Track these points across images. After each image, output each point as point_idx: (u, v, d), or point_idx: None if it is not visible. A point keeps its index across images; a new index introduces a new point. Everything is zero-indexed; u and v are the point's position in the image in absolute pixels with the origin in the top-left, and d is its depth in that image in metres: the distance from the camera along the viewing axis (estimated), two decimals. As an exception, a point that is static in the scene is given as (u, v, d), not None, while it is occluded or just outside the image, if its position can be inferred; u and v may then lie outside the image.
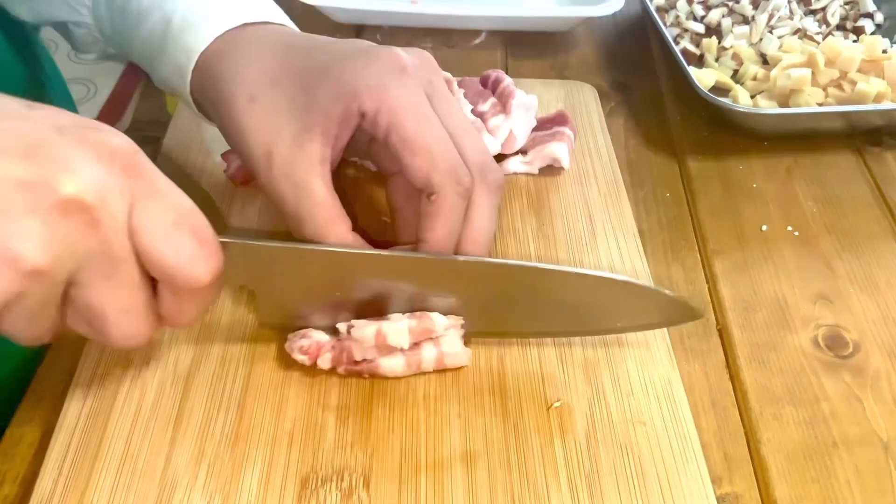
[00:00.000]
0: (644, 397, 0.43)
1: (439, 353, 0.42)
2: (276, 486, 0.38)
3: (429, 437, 0.41)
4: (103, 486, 0.38)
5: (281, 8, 0.49)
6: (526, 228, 0.53)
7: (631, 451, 0.40)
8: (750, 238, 0.57)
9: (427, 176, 0.41)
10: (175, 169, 0.56)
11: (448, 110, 0.43)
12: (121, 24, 0.50)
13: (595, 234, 0.52)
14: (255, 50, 0.44)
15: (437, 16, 0.79)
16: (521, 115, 0.56)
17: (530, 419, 0.42)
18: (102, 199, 0.31)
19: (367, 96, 0.41)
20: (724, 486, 0.42)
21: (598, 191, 0.56)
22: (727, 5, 0.76)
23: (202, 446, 0.40)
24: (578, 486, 0.39)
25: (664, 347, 0.46)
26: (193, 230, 0.34)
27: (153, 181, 0.34)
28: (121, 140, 0.33)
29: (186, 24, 0.45)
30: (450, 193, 0.41)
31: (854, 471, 0.43)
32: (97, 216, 0.31)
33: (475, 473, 0.39)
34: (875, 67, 0.67)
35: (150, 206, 0.33)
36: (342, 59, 0.42)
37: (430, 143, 0.41)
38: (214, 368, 0.43)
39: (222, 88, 0.43)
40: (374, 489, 0.38)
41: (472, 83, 0.58)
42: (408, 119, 0.41)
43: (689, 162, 0.64)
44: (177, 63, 0.46)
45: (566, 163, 0.56)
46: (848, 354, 0.49)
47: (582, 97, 0.66)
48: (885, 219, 0.59)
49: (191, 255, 0.34)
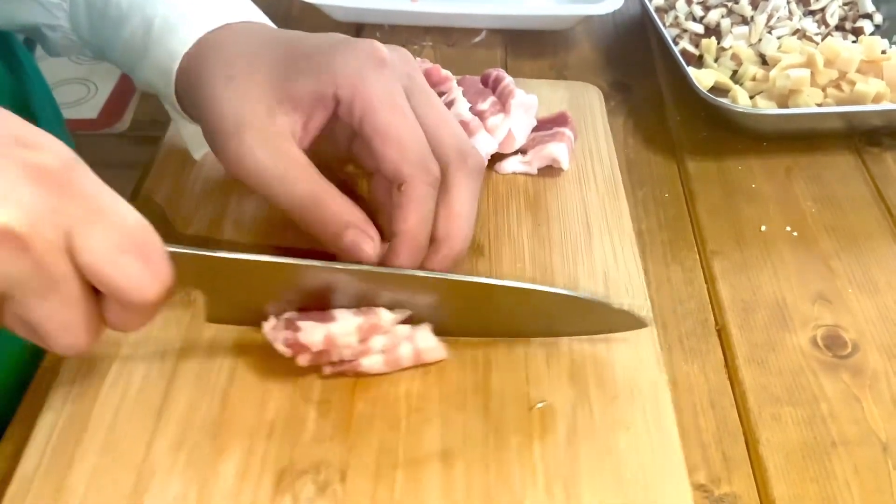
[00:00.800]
0: (629, 402, 0.42)
1: (415, 349, 0.42)
2: (252, 477, 0.38)
3: (408, 434, 0.40)
4: (84, 469, 0.38)
5: (281, 7, 0.49)
6: (521, 229, 0.53)
7: (611, 455, 0.40)
8: (749, 238, 0.57)
9: (397, 166, 0.41)
10: (175, 168, 0.56)
11: (426, 102, 0.43)
12: (100, 27, 0.49)
13: (591, 236, 0.52)
14: (237, 42, 0.44)
15: (437, 14, 0.79)
16: (521, 114, 0.56)
17: (511, 419, 0.41)
18: (33, 225, 0.30)
19: (344, 83, 0.41)
20: (723, 486, 0.42)
21: (597, 193, 0.56)
22: (726, 6, 0.76)
23: (183, 435, 0.40)
24: (555, 489, 0.38)
25: (652, 353, 0.45)
26: (138, 249, 0.33)
27: (93, 198, 0.33)
28: (54, 157, 0.32)
29: (168, 27, 0.45)
30: (419, 183, 0.41)
31: (853, 471, 0.43)
32: (28, 242, 0.30)
33: (452, 472, 0.39)
34: (874, 68, 0.67)
35: (90, 227, 0.32)
36: (323, 49, 0.43)
37: (400, 134, 0.41)
38: (201, 358, 0.43)
39: (203, 76, 0.43)
40: (349, 484, 0.38)
41: (472, 82, 0.58)
42: (381, 108, 0.41)
43: (689, 162, 0.64)
44: (160, 65, 0.46)
45: (565, 164, 0.56)
46: (847, 354, 0.49)
47: (587, 99, 0.65)
48: (884, 219, 0.59)
49: (137, 276, 0.33)
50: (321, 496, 0.38)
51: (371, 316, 0.41)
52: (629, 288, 0.49)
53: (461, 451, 0.40)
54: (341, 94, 0.41)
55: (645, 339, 0.46)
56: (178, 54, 0.45)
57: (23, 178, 0.31)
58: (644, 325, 0.45)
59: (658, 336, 0.49)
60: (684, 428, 0.45)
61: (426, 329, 0.43)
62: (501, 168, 0.57)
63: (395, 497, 0.38)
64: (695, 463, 0.43)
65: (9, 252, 0.30)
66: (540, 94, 0.59)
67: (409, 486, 0.38)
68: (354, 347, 0.41)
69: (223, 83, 0.42)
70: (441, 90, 0.54)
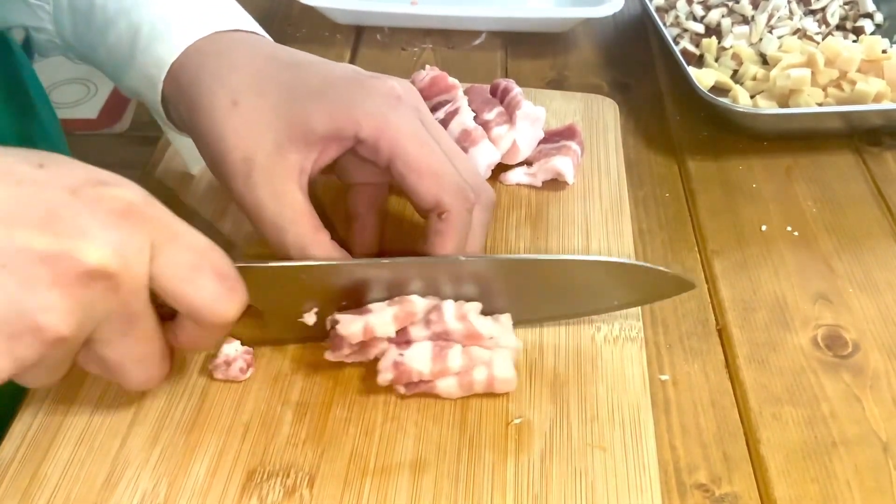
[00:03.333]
0: (608, 422, 0.42)
1: (489, 376, 0.42)
2: (222, 475, 0.39)
3: (381, 442, 0.40)
4: (59, 459, 0.39)
5: (281, 9, 0.49)
6: (519, 240, 0.52)
7: (585, 476, 0.39)
8: (749, 238, 0.57)
9: (436, 197, 0.42)
10: (175, 170, 0.56)
11: (438, 135, 0.44)
12: (84, 31, 0.48)
13: (589, 251, 0.52)
14: (236, 57, 0.44)
15: (437, 16, 0.79)
16: (527, 126, 0.55)
17: (487, 434, 0.41)
18: (124, 262, 0.32)
19: (366, 124, 0.41)
20: (724, 486, 0.42)
21: (601, 208, 0.55)
22: (727, 5, 0.76)
23: (159, 430, 0.41)
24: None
25: (639, 373, 0.44)
26: (213, 268, 0.35)
27: (168, 226, 0.34)
28: (133, 192, 0.33)
29: (156, 34, 0.44)
30: (461, 211, 0.42)
31: (853, 470, 0.43)
32: (119, 281, 0.32)
33: (421, 483, 0.39)
34: (874, 67, 0.67)
35: (167, 251, 0.33)
36: (337, 84, 0.43)
37: (434, 167, 0.42)
38: (185, 355, 0.44)
39: (201, 94, 0.43)
40: (317, 489, 0.38)
41: (480, 91, 0.57)
42: (410, 145, 0.42)
43: (689, 162, 0.64)
44: (146, 73, 0.45)
45: (570, 178, 0.55)
46: (847, 354, 0.49)
47: (601, 112, 0.64)
48: (885, 219, 0.59)
49: (214, 294, 0.35)
50: (288, 500, 0.38)
51: (405, 304, 0.42)
52: None
53: (433, 463, 0.40)
54: (365, 135, 0.42)
55: (633, 360, 0.45)
56: (165, 63, 0.44)
57: (112, 218, 0.32)
58: (692, 286, 0.46)
59: (658, 336, 0.49)
60: (685, 428, 0.45)
61: (507, 356, 0.42)
62: (505, 179, 0.56)
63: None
64: (695, 462, 0.43)
65: (102, 293, 0.32)
66: (553, 104, 0.58)
67: (377, 495, 0.38)
68: (432, 368, 0.41)
69: (227, 108, 0.42)
70: (446, 99, 0.54)
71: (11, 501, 0.37)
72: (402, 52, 0.77)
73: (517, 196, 0.56)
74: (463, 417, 0.42)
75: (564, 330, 0.46)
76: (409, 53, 0.77)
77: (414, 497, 0.38)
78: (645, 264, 0.45)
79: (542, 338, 0.46)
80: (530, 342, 0.45)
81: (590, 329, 0.46)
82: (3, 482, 0.38)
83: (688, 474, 0.42)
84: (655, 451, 0.41)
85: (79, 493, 0.38)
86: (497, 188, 0.56)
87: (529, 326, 0.46)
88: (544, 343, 0.46)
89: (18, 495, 0.38)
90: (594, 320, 0.47)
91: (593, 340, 0.46)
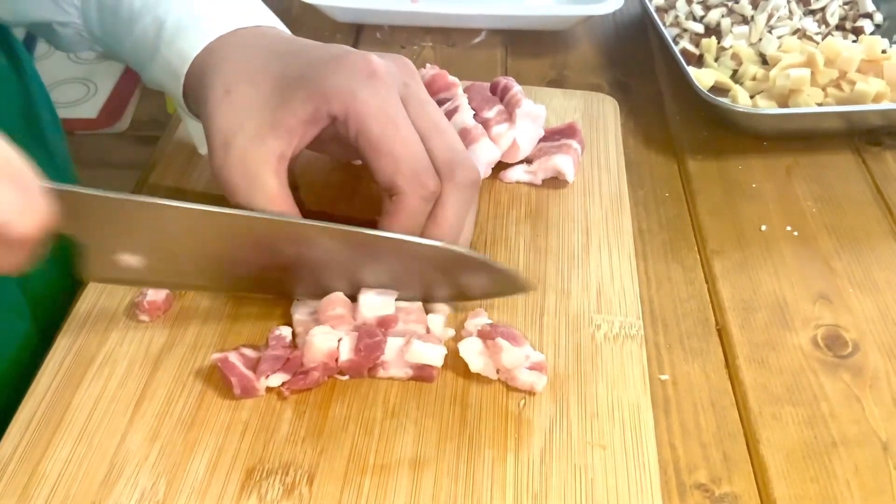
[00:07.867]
0: (608, 420, 0.42)
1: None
2: (221, 473, 0.39)
3: (381, 440, 0.40)
4: (58, 457, 0.39)
5: (281, 7, 0.49)
6: (518, 238, 0.52)
7: (584, 474, 0.39)
8: (749, 238, 0.57)
9: (390, 178, 0.42)
10: (175, 167, 0.56)
11: (421, 111, 0.44)
12: (111, 25, 0.50)
13: (589, 249, 0.52)
14: (240, 50, 0.45)
15: (437, 15, 0.79)
16: (527, 124, 0.55)
17: (487, 431, 0.41)
18: None
19: (336, 100, 0.42)
20: (724, 486, 0.42)
21: (601, 206, 0.55)
22: (726, 5, 0.76)
23: (158, 428, 0.41)
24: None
25: (639, 371, 0.44)
26: (13, 178, 0.33)
27: None
28: None
29: (180, 28, 0.46)
30: (412, 196, 0.42)
31: (853, 470, 0.43)
32: None
33: (421, 480, 0.39)
34: (874, 67, 0.67)
35: None
36: (315, 65, 0.43)
37: (393, 147, 0.42)
38: (184, 353, 0.44)
39: (204, 84, 0.45)
40: (316, 486, 0.38)
41: (480, 89, 0.57)
42: (374, 123, 0.42)
43: (689, 162, 0.64)
44: (170, 66, 0.47)
45: (570, 176, 0.55)
46: (847, 354, 0.49)
47: (601, 110, 0.64)
48: (885, 219, 0.59)
49: (13, 206, 0.33)
50: (287, 498, 0.38)
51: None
52: (622, 305, 0.48)
53: (433, 461, 0.40)
54: (335, 112, 0.42)
55: (635, 357, 0.45)
56: (188, 57, 0.46)
57: None
58: (533, 287, 0.46)
59: (658, 336, 0.49)
60: (685, 427, 0.45)
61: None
62: (505, 177, 0.56)
63: (362, 502, 0.38)
64: (695, 462, 0.43)
65: None
66: (553, 102, 0.58)
67: (376, 493, 0.38)
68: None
69: (221, 95, 0.44)
70: (446, 97, 0.54)
71: (10, 499, 0.37)
72: (401, 50, 0.77)
73: (517, 194, 0.56)
74: (463, 415, 0.42)
75: (564, 328, 0.46)
76: (408, 52, 0.77)
77: (413, 494, 0.38)
78: (485, 258, 0.45)
79: (542, 336, 0.46)
80: (530, 342, 0.45)
81: (589, 327, 0.46)
82: (2, 480, 0.38)
83: (688, 474, 0.42)
84: (655, 449, 0.41)
85: (78, 491, 0.38)
86: (497, 186, 0.56)
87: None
88: (544, 341, 0.46)
89: (17, 493, 0.38)
90: (594, 318, 0.47)
91: (593, 339, 0.46)
